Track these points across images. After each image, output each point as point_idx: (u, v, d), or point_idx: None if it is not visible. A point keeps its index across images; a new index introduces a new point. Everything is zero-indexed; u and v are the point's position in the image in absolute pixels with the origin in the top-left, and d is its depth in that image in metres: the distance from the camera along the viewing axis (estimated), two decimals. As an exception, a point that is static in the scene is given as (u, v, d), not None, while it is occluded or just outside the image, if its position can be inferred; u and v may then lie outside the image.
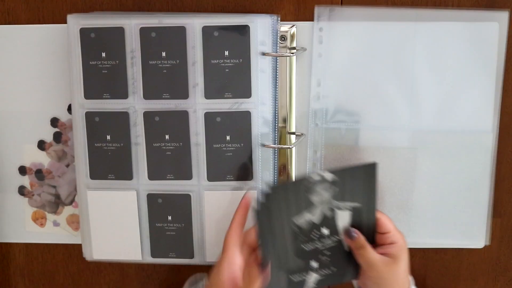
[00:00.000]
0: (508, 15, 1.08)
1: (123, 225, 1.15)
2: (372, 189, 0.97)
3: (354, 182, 0.95)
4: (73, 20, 1.08)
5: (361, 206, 0.97)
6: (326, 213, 0.96)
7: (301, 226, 0.95)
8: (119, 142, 1.11)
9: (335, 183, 0.94)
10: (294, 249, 0.97)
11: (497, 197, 1.16)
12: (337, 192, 0.95)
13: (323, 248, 0.98)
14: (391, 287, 0.98)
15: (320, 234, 0.97)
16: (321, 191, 0.94)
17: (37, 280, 1.25)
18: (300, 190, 0.93)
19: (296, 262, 0.98)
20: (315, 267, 0.99)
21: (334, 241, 0.99)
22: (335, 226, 0.98)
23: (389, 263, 0.96)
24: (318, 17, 1.10)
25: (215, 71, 1.07)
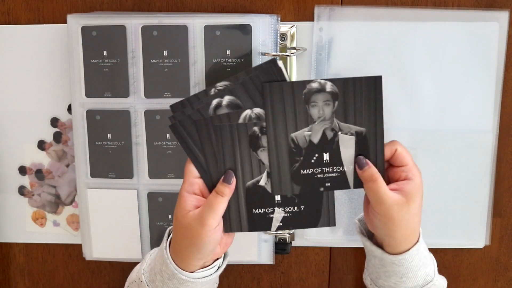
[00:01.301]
0: (508, 15, 1.08)
1: (123, 224, 1.15)
2: (378, 110, 0.90)
3: (357, 99, 0.89)
4: (73, 19, 1.08)
5: (366, 131, 0.91)
6: (328, 134, 0.90)
7: (298, 143, 0.90)
8: (120, 140, 1.11)
9: (336, 96, 0.89)
10: (289, 171, 0.92)
11: (497, 197, 1.16)
12: (339, 109, 0.89)
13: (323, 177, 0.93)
14: (399, 228, 0.91)
15: (319, 159, 0.92)
16: (321, 103, 0.89)
17: (37, 280, 1.25)
18: (297, 97, 0.88)
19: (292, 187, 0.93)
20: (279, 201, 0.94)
21: (336, 172, 0.93)
22: (338, 153, 0.92)
23: (401, 203, 0.90)
24: (318, 17, 1.10)
25: (217, 71, 1.07)
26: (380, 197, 0.90)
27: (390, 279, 0.97)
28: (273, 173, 0.92)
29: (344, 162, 0.93)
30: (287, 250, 1.17)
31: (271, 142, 0.90)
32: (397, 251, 0.95)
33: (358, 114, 0.91)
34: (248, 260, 1.16)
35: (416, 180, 0.92)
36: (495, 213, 1.16)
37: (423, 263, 0.98)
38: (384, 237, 0.94)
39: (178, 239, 0.93)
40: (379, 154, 0.92)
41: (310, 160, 0.92)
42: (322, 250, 1.20)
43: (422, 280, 0.97)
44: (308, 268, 1.21)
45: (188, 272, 0.94)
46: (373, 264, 1.01)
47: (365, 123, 0.91)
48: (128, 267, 1.21)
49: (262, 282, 1.22)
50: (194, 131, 0.90)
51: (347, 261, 1.20)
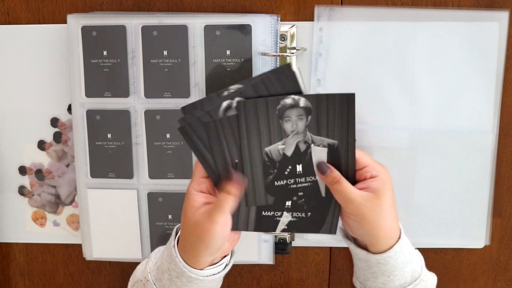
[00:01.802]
0: (508, 15, 1.08)
1: (123, 224, 1.15)
2: (350, 124, 0.91)
3: (330, 114, 0.90)
4: (73, 19, 1.08)
5: (338, 143, 0.92)
6: (301, 147, 0.91)
7: (272, 156, 0.91)
8: (120, 140, 1.11)
9: (309, 111, 0.89)
10: (263, 182, 0.93)
11: (497, 197, 1.16)
12: (312, 123, 0.90)
13: (296, 187, 0.94)
14: (375, 226, 0.92)
15: (293, 171, 0.93)
16: (295, 118, 0.89)
17: (37, 280, 1.25)
18: (271, 112, 0.88)
19: (266, 198, 0.94)
20: (288, 206, 0.95)
21: (309, 182, 0.94)
22: (310, 164, 0.93)
23: (369, 198, 0.90)
24: (318, 17, 1.10)
25: (217, 70, 1.08)
26: (348, 197, 0.91)
27: (378, 279, 0.97)
28: (248, 185, 0.93)
29: (316, 172, 0.94)
30: (287, 250, 1.17)
31: (245, 156, 0.90)
32: (380, 249, 0.95)
33: (330, 127, 0.91)
34: (248, 260, 1.16)
35: (381, 175, 0.92)
36: (495, 213, 1.16)
37: (408, 259, 0.98)
38: (364, 238, 0.95)
39: (187, 236, 0.94)
40: (351, 165, 0.93)
41: (284, 172, 0.93)
42: (322, 250, 1.20)
43: (410, 277, 0.97)
44: (308, 268, 1.21)
45: (197, 270, 0.95)
46: (359, 267, 1.01)
47: (338, 136, 0.92)
48: (128, 267, 1.21)
49: (262, 282, 1.22)
50: (203, 133, 0.91)
51: (347, 261, 1.20)
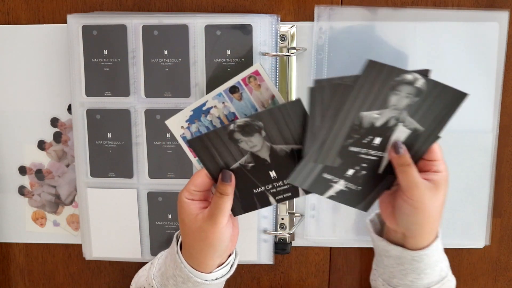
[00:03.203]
0: (508, 15, 1.08)
1: (123, 223, 1.15)
2: (445, 119, 0.92)
3: (435, 103, 0.90)
4: (73, 19, 1.08)
5: (423, 131, 0.92)
6: (390, 122, 0.91)
7: (362, 122, 0.91)
8: (120, 140, 1.11)
9: (419, 93, 0.89)
10: (341, 144, 0.92)
11: (497, 197, 1.16)
12: (414, 104, 0.90)
13: (364, 157, 0.94)
14: (427, 216, 0.92)
15: (371, 141, 0.92)
16: (403, 94, 0.89)
17: (37, 280, 1.25)
18: (388, 81, 0.87)
19: (334, 159, 0.93)
20: (348, 176, 0.95)
21: (377, 156, 0.94)
22: (388, 140, 0.93)
23: (432, 188, 0.91)
24: (318, 17, 1.10)
25: (217, 70, 1.08)
26: (414, 181, 0.91)
27: (407, 277, 0.98)
28: (327, 143, 0.92)
29: (387, 149, 0.94)
30: (287, 250, 1.17)
31: (342, 115, 0.90)
32: (419, 245, 0.96)
33: (427, 115, 0.91)
34: (248, 260, 1.16)
35: (444, 173, 0.94)
36: (495, 213, 1.17)
37: (440, 258, 0.99)
38: (411, 227, 0.94)
39: (191, 243, 0.94)
40: (420, 154, 0.94)
41: (363, 140, 0.92)
42: (322, 250, 1.20)
43: (437, 276, 0.99)
44: (308, 268, 1.21)
45: (205, 274, 0.96)
46: (386, 264, 1.01)
47: (427, 125, 0.92)
48: (128, 266, 1.21)
49: (262, 282, 1.22)
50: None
51: (347, 261, 1.20)
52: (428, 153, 0.94)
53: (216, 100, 0.90)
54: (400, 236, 0.97)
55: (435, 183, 0.92)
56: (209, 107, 0.90)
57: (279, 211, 1.15)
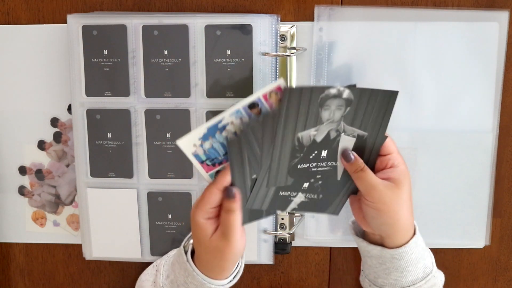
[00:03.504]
0: (508, 15, 1.08)
1: (123, 223, 1.15)
2: (385, 120, 0.93)
3: (369, 107, 0.91)
4: (73, 19, 1.08)
5: (368, 135, 0.93)
6: (331, 134, 0.92)
7: (302, 141, 0.91)
8: (120, 140, 1.11)
9: (350, 103, 0.89)
10: (288, 165, 0.92)
11: (497, 197, 1.16)
12: (349, 114, 0.90)
13: (316, 170, 0.95)
14: (394, 215, 0.93)
15: (317, 155, 0.93)
16: (334, 108, 0.89)
17: (37, 280, 1.25)
18: (313, 100, 0.87)
19: (286, 179, 0.94)
20: (305, 188, 0.96)
21: (329, 166, 0.95)
22: (335, 151, 0.94)
23: (390, 187, 0.92)
24: (318, 17, 1.10)
25: (217, 70, 1.08)
26: (371, 184, 0.92)
27: (390, 276, 0.98)
28: (272, 167, 0.92)
29: (338, 158, 0.95)
30: (287, 250, 1.17)
31: (278, 140, 0.89)
32: (396, 243, 0.96)
33: (365, 120, 0.92)
34: (248, 260, 1.16)
35: (401, 166, 0.95)
36: (495, 213, 1.17)
37: (422, 255, 0.99)
38: (382, 228, 0.95)
39: (209, 260, 0.95)
40: (373, 157, 0.96)
41: (309, 156, 0.93)
42: (322, 250, 1.20)
43: (421, 273, 0.99)
44: (308, 268, 1.21)
45: (221, 281, 0.97)
46: (369, 264, 1.01)
47: (369, 129, 0.93)
48: (128, 266, 1.21)
49: (262, 282, 1.22)
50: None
51: (347, 261, 1.20)
52: (382, 147, 0.95)
53: (233, 117, 0.89)
54: (378, 237, 0.99)
55: (394, 181, 0.93)
56: (225, 124, 0.89)
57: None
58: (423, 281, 0.99)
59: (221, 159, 0.91)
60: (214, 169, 0.92)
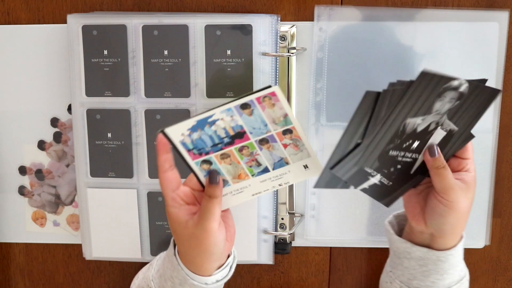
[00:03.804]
0: (508, 15, 1.08)
1: (123, 223, 1.15)
2: (477, 118, 0.92)
3: (472, 103, 0.90)
4: (73, 19, 1.08)
5: (457, 131, 0.93)
6: (431, 126, 0.91)
7: (406, 128, 0.91)
8: (120, 140, 1.11)
9: (462, 97, 0.89)
10: (383, 149, 0.92)
11: (497, 197, 1.16)
12: (454, 108, 0.90)
13: (401, 160, 0.94)
14: (461, 216, 0.93)
15: (409, 145, 0.93)
16: (447, 100, 0.88)
17: (37, 280, 1.25)
18: (437, 88, 0.87)
19: (373, 163, 0.94)
20: (385, 172, 0.95)
21: (412, 158, 0.94)
22: (425, 143, 0.93)
23: (464, 189, 0.92)
24: (318, 17, 1.10)
25: (217, 70, 1.08)
26: (450, 183, 0.91)
27: (429, 278, 0.98)
28: (370, 147, 0.92)
29: (422, 152, 0.94)
30: (287, 250, 1.17)
31: (390, 120, 0.89)
32: (447, 245, 0.96)
33: (463, 115, 0.92)
34: (248, 260, 1.16)
35: (473, 173, 0.95)
36: (495, 213, 1.17)
37: (461, 258, 1.00)
38: (443, 227, 0.95)
39: (187, 250, 0.94)
40: (451, 153, 0.95)
41: (403, 144, 0.93)
42: (322, 250, 1.20)
43: (457, 276, 1.00)
44: (308, 268, 1.21)
45: (205, 277, 0.95)
46: (406, 266, 1.00)
47: (461, 124, 0.92)
48: (128, 266, 1.21)
49: (262, 282, 1.22)
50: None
51: (347, 261, 1.20)
52: (462, 151, 0.95)
53: (224, 114, 0.89)
54: (426, 237, 0.98)
55: (467, 183, 0.93)
56: (215, 119, 0.89)
57: (279, 211, 1.15)
58: (458, 284, 0.99)
59: (208, 150, 0.91)
60: (201, 158, 0.91)
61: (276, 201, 1.14)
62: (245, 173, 0.94)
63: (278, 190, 1.14)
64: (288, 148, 0.92)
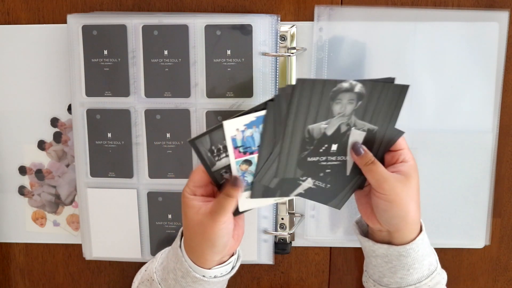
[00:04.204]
0: (508, 15, 1.08)
1: (123, 223, 1.15)
2: (395, 114, 0.93)
3: (380, 101, 0.91)
4: (73, 19, 1.08)
5: (379, 129, 0.94)
6: (342, 128, 0.92)
7: (312, 134, 0.91)
8: (120, 140, 1.11)
9: (361, 97, 0.89)
10: (297, 157, 0.93)
11: (497, 197, 1.16)
12: (360, 108, 0.90)
13: (326, 164, 0.95)
14: (404, 207, 0.93)
15: (327, 149, 0.93)
16: (346, 101, 0.89)
17: (37, 280, 1.25)
18: (325, 93, 0.88)
19: (295, 171, 0.94)
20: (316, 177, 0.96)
21: (339, 160, 0.95)
22: (345, 145, 0.94)
23: (401, 179, 0.93)
24: (318, 17, 1.10)
25: (217, 70, 1.08)
26: (382, 176, 0.93)
27: (396, 274, 0.98)
28: (282, 158, 0.92)
29: (348, 153, 0.95)
30: (287, 250, 1.17)
31: (288, 131, 0.90)
32: (406, 239, 0.96)
33: (376, 114, 0.92)
34: (248, 260, 1.16)
35: (411, 162, 0.96)
36: (495, 213, 1.17)
37: (427, 252, 1.00)
38: (392, 221, 0.95)
39: (192, 236, 0.95)
40: (381, 150, 0.96)
41: (319, 149, 0.93)
42: (322, 250, 1.20)
43: (427, 271, 0.99)
44: (308, 268, 1.21)
45: (204, 269, 0.96)
46: (374, 264, 1.01)
47: (379, 122, 0.93)
48: (128, 266, 1.21)
49: (262, 282, 1.22)
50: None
51: (347, 261, 1.20)
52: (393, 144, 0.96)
53: None
54: (385, 234, 0.99)
55: (404, 174, 0.93)
56: None
57: (279, 211, 1.15)
58: (428, 279, 0.99)
59: (254, 149, 0.91)
60: (243, 157, 0.92)
61: (276, 201, 1.15)
62: None
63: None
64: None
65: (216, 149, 0.91)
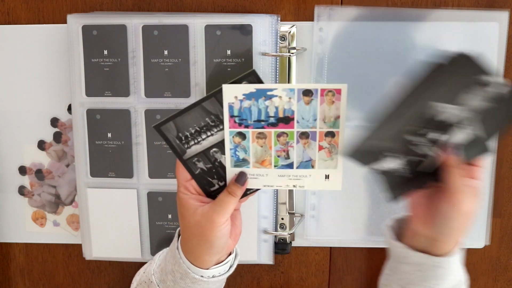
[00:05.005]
0: (508, 15, 1.08)
1: (123, 223, 1.15)
2: (503, 129, 0.90)
3: (502, 112, 0.88)
4: (73, 19, 1.08)
5: (482, 139, 0.90)
6: (457, 122, 0.89)
7: (430, 113, 0.87)
8: (120, 140, 1.11)
9: (499, 101, 0.86)
10: (398, 129, 0.89)
11: (497, 197, 1.16)
12: (490, 110, 0.87)
13: (413, 149, 0.91)
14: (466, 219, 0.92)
15: (425, 133, 0.90)
16: (483, 97, 0.86)
17: (37, 280, 1.25)
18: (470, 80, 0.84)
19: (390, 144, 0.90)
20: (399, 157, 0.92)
21: (429, 149, 0.91)
22: (441, 137, 0.90)
23: (474, 193, 0.91)
24: (318, 17, 1.10)
25: (217, 70, 1.08)
26: (462, 184, 0.90)
27: (426, 283, 0.96)
28: (386, 122, 0.89)
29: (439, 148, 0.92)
30: (287, 250, 1.17)
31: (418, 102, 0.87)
32: (446, 250, 0.95)
33: (491, 123, 0.90)
34: (248, 260, 1.16)
35: (482, 182, 0.93)
36: (495, 213, 1.17)
37: (460, 265, 0.98)
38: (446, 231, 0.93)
39: (189, 237, 0.95)
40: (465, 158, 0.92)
41: (420, 130, 0.90)
42: (322, 250, 1.20)
43: (454, 281, 0.97)
44: (308, 268, 1.21)
45: (202, 270, 0.96)
46: (403, 270, 0.99)
47: (486, 133, 0.90)
48: (128, 266, 1.21)
49: (262, 282, 1.22)
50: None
51: (347, 261, 1.20)
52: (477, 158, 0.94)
53: (285, 92, 0.89)
54: (425, 241, 0.96)
55: (475, 190, 0.91)
56: (274, 94, 0.89)
57: (279, 211, 1.15)
58: None
59: (250, 123, 0.91)
60: (237, 129, 0.92)
61: (276, 201, 1.14)
62: (269, 161, 0.94)
63: (278, 190, 1.14)
64: (321, 152, 0.92)
65: (183, 136, 0.91)
